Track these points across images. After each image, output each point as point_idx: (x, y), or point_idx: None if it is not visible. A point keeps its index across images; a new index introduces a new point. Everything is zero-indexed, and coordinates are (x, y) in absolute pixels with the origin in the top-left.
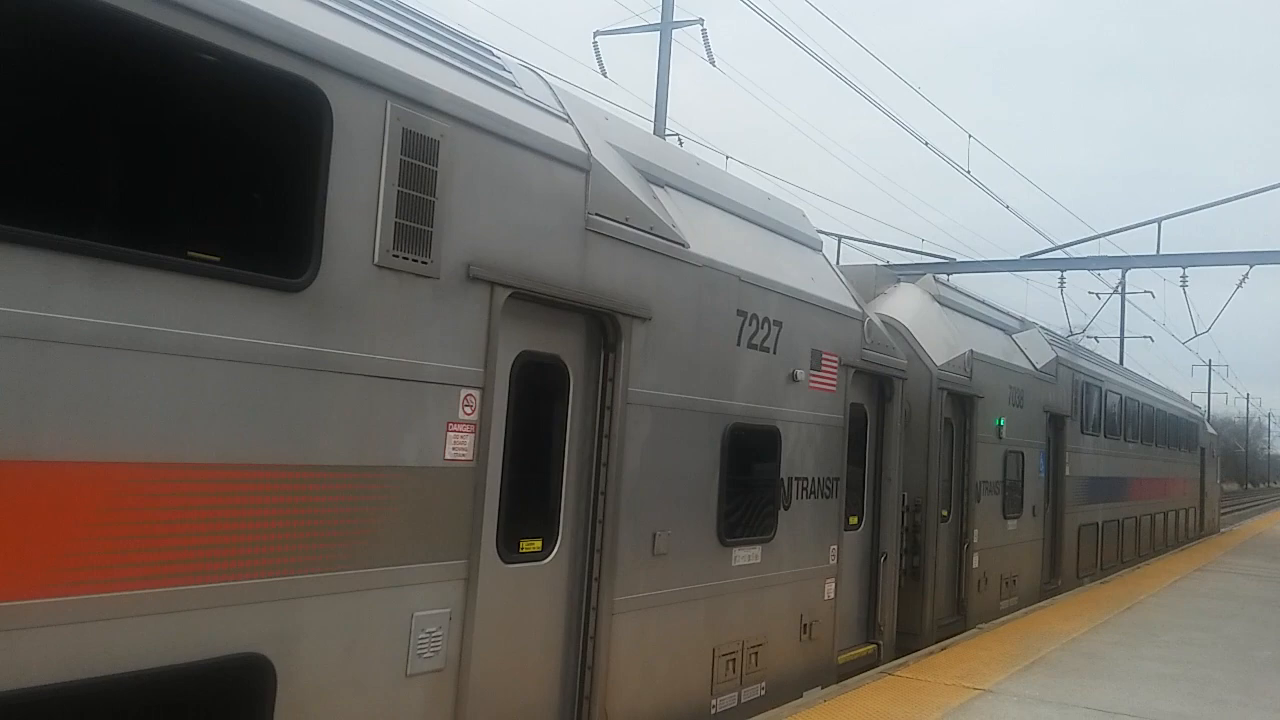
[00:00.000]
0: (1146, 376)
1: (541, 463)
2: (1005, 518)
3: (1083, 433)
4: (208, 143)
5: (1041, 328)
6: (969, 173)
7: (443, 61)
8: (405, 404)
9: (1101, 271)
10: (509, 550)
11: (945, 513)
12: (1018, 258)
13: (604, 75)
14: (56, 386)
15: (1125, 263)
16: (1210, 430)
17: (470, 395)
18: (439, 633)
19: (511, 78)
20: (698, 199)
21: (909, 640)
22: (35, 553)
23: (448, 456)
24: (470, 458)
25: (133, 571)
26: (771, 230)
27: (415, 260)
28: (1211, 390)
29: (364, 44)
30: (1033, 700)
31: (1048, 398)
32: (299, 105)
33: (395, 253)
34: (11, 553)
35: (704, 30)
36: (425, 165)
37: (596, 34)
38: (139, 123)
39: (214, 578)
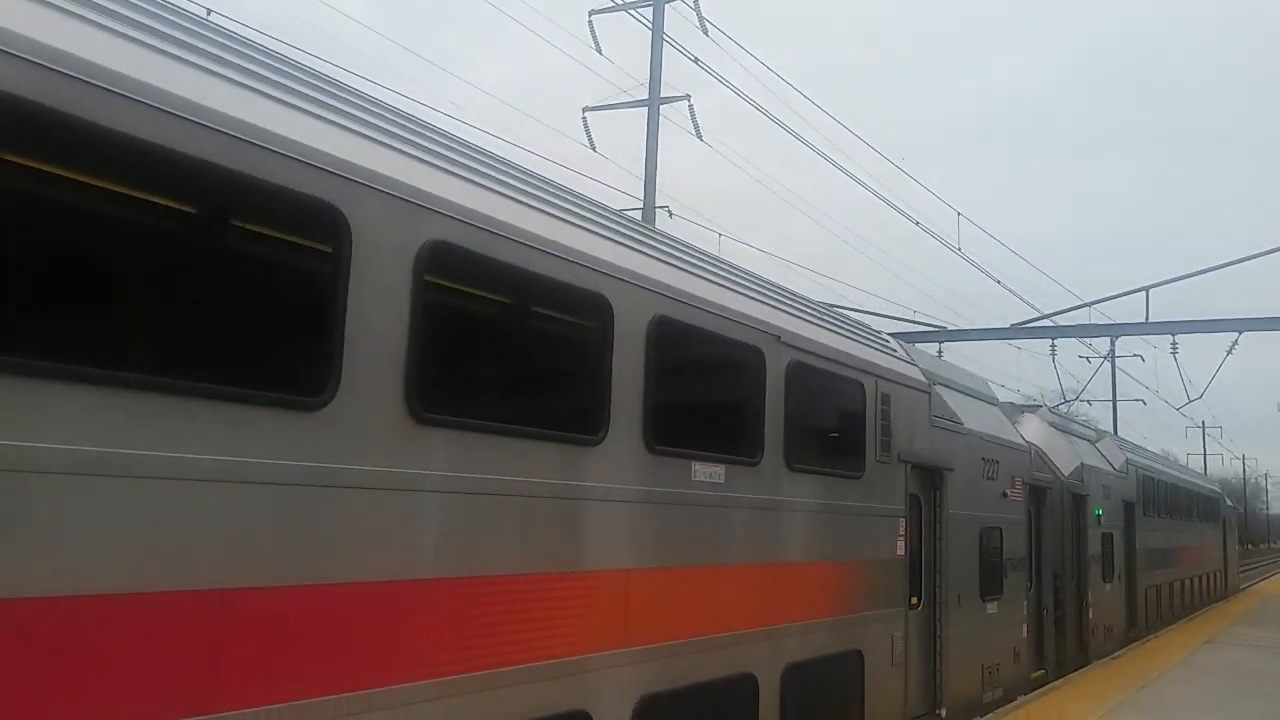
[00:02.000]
0: (1171, 457)
1: (915, 553)
2: (1104, 582)
3: (1144, 514)
4: (841, 422)
5: (1113, 436)
6: (960, 250)
7: (879, 350)
8: (888, 528)
9: (1091, 340)
10: (908, 603)
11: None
12: (1008, 326)
13: (593, 150)
14: (794, 537)
15: (1114, 330)
16: (1228, 503)
17: (902, 520)
18: (900, 645)
19: (891, 345)
20: (948, 387)
21: (1062, 668)
22: (771, 606)
23: (898, 553)
24: (903, 554)
25: (807, 610)
26: (980, 399)
27: (885, 457)
28: (1207, 452)
29: (863, 353)
30: None
31: (1124, 490)
32: (858, 389)
33: (880, 456)
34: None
35: (690, 106)
36: (885, 408)
37: (586, 109)
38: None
39: (841, 613)
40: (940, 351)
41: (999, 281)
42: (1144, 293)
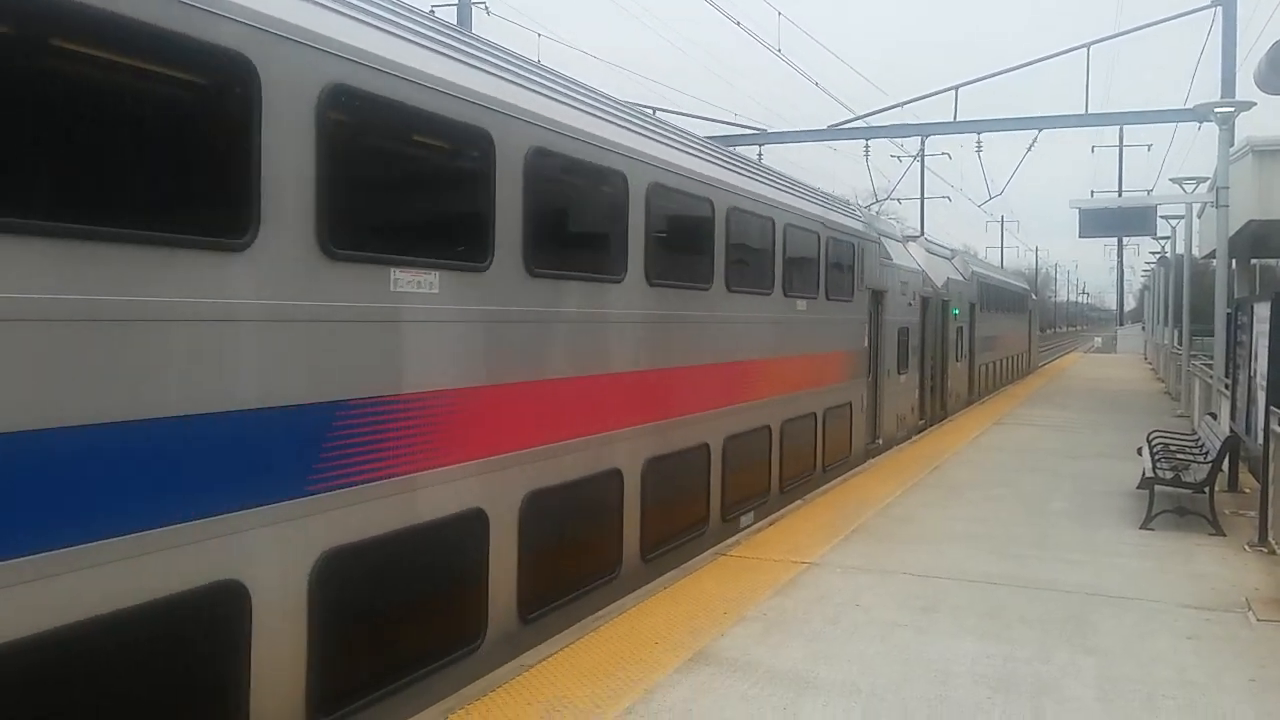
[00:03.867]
0: (972, 251)
1: (870, 344)
2: (956, 361)
3: (981, 311)
4: (846, 268)
5: (966, 252)
6: (779, 51)
7: (856, 219)
8: (861, 330)
9: (903, 140)
10: (866, 374)
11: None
12: (825, 128)
13: None
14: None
15: (924, 130)
16: (1034, 296)
17: (866, 324)
18: (864, 399)
19: (858, 213)
20: (882, 234)
21: (933, 420)
22: (814, 377)
23: (864, 345)
24: (867, 345)
25: (830, 379)
26: (894, 239)
27: (861, 288)
28: (1004, 245)
29: (852, 224)
30: (855, 570)
31: (969, 294)
32: (851, 248)
33: (859, 288)
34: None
35: None
36: (862, 258)
37: None
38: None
39: (844, 380)
40: (760, 154)
41: (816, 84)
42: (953, 92)
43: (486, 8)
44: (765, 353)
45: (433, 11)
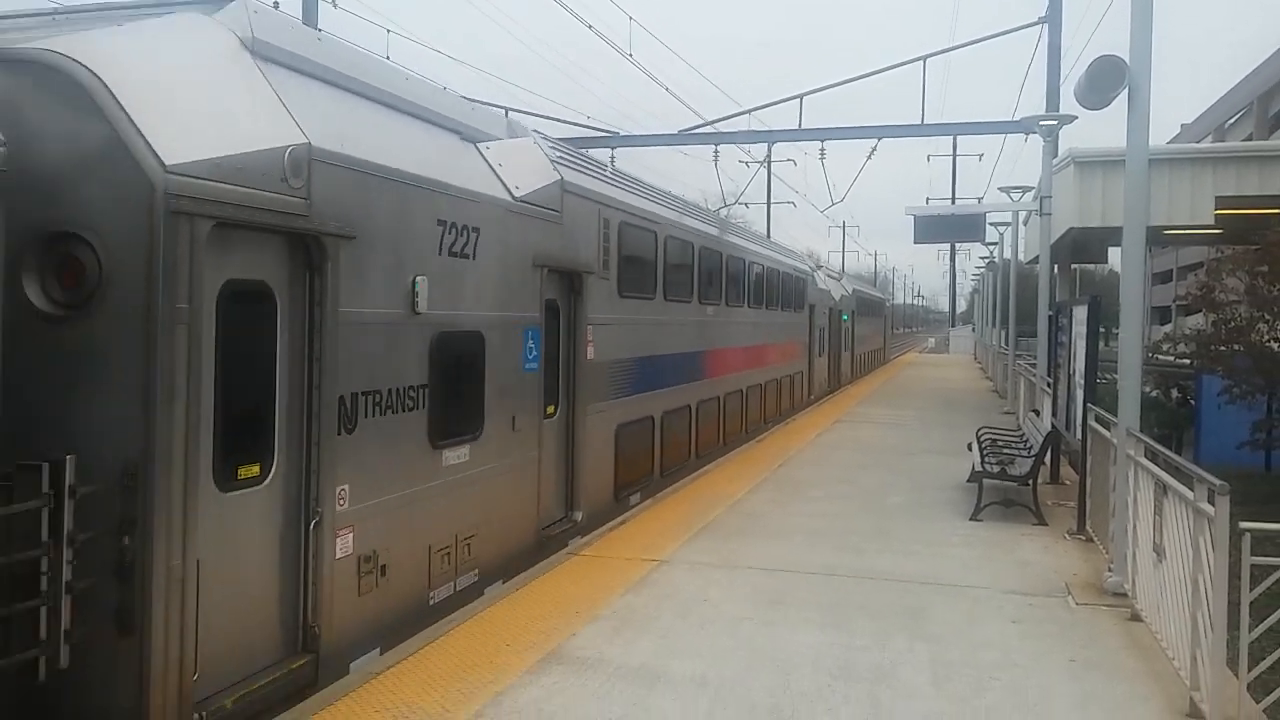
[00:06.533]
0: (815, 255)
1: (808, 337)
2: (845, 350)
3: (856, 315)
4: (798, 294)
5: (845, 274)
6: (630, 55)
7: (803, 262)
8: (805, 330)
9: (750, 145)
10: (806, 354)
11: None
12: (675, 132)
13: None
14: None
15: (771, 137)
16: (889, 304)
17: (806, 326)
18: (805, 370)
19: (802, 255)
20: (812, 268)
21: (834, 389)
22: (783, 358)
23: (806, 339)
24: (807, 338)
25: (794, 358)
26: (814, 269)
27: (805, 304)
28: (846, 250)
29: (801, 264)
30: (704, 566)
31: (851, 304)
32: (803, 281)
33: (805, 304)
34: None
35: None
36: (804, 285)
37: None
38: None
39: (798, 360)
40: (613, 157)
41: (667, 89)
42: (798, 100)
43: (334, 1)
44: (777, 340)
45: (276, 5)
